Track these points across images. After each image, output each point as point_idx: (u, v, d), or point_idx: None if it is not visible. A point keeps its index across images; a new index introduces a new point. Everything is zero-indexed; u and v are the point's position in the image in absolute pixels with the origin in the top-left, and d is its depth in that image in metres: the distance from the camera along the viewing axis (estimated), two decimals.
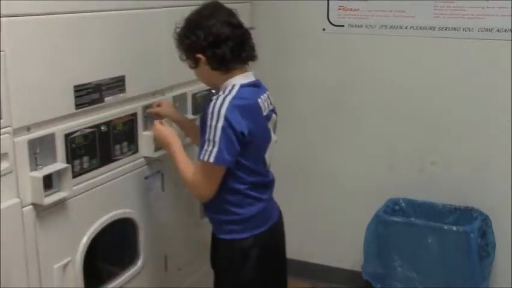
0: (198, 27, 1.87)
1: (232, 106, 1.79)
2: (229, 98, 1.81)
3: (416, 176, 2.93)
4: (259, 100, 1.91)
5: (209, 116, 1.79)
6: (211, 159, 1.79)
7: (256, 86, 1.94)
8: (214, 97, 1.84)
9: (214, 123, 1.78)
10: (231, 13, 1.92)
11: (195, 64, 1.91)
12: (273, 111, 2.01)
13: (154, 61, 2.19)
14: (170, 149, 1.98)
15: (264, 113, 1.93)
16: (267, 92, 1.99)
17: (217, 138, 1.78)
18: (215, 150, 1.79)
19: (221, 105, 1.79)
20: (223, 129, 1.77)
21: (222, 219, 1.97)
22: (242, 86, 1.87)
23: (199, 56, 1.88)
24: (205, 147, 1.80)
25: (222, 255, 2.02)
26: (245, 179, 1.90)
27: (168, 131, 2.02)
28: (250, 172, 1.90)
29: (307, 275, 3.14)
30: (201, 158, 1.81)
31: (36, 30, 1.69)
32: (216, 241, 2.05)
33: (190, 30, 1.89)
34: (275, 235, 2.04)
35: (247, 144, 1.83)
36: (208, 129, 1.79)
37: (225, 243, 1.97)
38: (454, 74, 2.78)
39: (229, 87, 1.87)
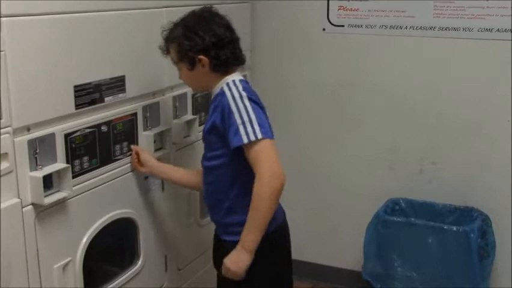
0: (201, 29, 1.88)
1: (246, 87, 1.86)
2: (238, 86, 1.85)
3: (416, 176, 2.93)
4: None
5: (232, 103, 1.80)
6: (260, 135, 1.76)
7: (247, 83, 1.97)
8: (223, 94, 1.85)
9: (241, 105, 1.80)
10: (226, 18, 1.97)
11: (191, 66, 1.91)
12: None
13: (154, 61, 2.19)
14: (247, 248, 1.82)
15: None
16: None
17: (252, 116, 1.78)
18: (256, 127, 1.76)
19: (236, 89, 1.83)
20: (251, 106, 1.80)
21: (231, 222, 1.94)
22: (240, 80, 1.91)
23: (201, 57, 1.88)
24: (244, 129, 1.76)
25: None
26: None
27: (229, 262, 1.85)
28: None
29: (307, 275, 3.14)
30: (248, 140, 1.75)
31: (36, 30, 1.69)
32: (221, 242, 2.02)
33: (192, 32, 1.88)
34: (283, 235, 2.03)
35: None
36: (237, 114, 1.78)
37: (234, 245, 1.89)
38: (454, 74, 2.78)
39: (230, 83, 1.88)
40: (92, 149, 1.94)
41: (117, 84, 2.02)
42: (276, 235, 1.95)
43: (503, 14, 2.63)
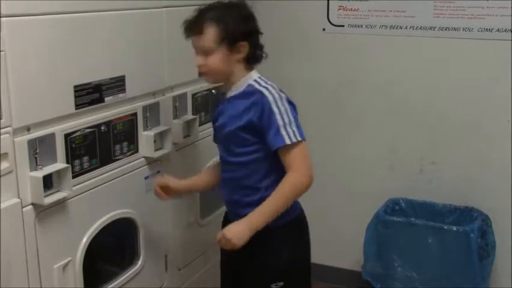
0: (251, 17, 1.91)
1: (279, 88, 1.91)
2: (274, 86, 1.90)
3: (416, 176, 2.93)
4: None
5: (273, 104, 1.83)
6: (299, 137, 1.83)
7: None
8: (260, 92, 1.86)
9: (282, 107, 1.84)
10: None
11: (230, 51, 1.86)
12: None
13: (154, 61, 2.20)
14: (252, 227, 1.82)
15: None
16: None
17: (291, 118, 1.84)
18: (295, 129, 1.83)
19: (274, 90, 1.87)
20: (290, 109, 1.85)
21: None
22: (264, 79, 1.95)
23: (244, 43, 1.87)
24: (285, 130, 1.82)
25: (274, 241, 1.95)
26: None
27: (229, 233, 1.82)
28: None
29: None
30: (290, 140, 1.82)
31: (36, 30, 1.69)
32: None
33: (241, 15, 1.89)
34: (305, 218, 2.08)
35: None
36: (278, 116, 1.82)
37: (276, 229, 1.90)
38: (454, 74, 2.78)
39: (260, 81, 1.91)
40: (92, 149, 1.94)
41: (117, 84, 2.02)
42: (302, 217, 2.05)
43: (503, 14, 2.63)
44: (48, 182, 1.76)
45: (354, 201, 3.07)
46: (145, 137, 2.18)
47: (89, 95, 1.90)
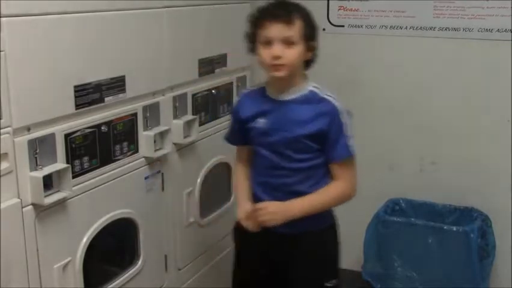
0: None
1: None
2: (334, 98, 1.94)
3: (416, 176, 2.93)
4: None
5: (342, 115, 1.90)
6: (354, 152, 1.91)
7: None
8: (329, 102, 1.91)
9: (348, 120, 1.91)
10: None
11: (306, 48, 1.88)
12: None
13: (154, 61, 2.19)
14: (293, 213, 1.89)
15: None
16: None
17: (350, 133, 1.91)
18: (353, 142, 1.91)
19: (339, 103, 1.92)
20: (350, 123, 1.92)
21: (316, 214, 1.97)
22: None
23: (315, 44, 1.91)
24: (351, 143, 1.91)
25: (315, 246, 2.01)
26: None
27: (275, 207, 1.90)
28: None
29: None
30: (351, 153, 1.91)
31: (36, 30, 1.69)
32: (298, 237, 1.97)
33: (312, 19, 1.91)
34: None
35: None
36: (347, 127, 1.90)
37: (326, 232, 2.02)
38: (454, 74, 2.78)
39: (319, 87, 1.96)
40: (92, 149, 1.94)
41: (117, 84, 2.02)
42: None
43: (503, 14, 2.63)
44: (48, 182, 1.76)
45: (354, 201, 3.04)
46: (145, 137, 2.18)
47: (89, 95, 1.90)
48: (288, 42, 1.82)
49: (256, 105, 1.97)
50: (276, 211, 1.88)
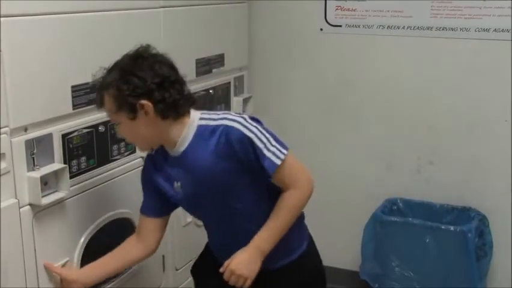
0: (140, 69, 1.62)
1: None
2: (224, 114, 1.71)
3: (413, 175, 2.93)
4: None
5: (244, 130, 1.64)
6: (285, 150, 1.69)
7: None
8: (218, 125, 1.66)
9: (255, 130, 1.65)
10: (168, 57, 1.73)
11: (132, 114, 1.62)
12: None
13: None
14: (262, 250, 1.70)
15: None
16: None
17: (267, 135, 1.67)
18: (277, 143, 1.68)
19: (231, 115, 1.69)
20: (262, 127, 1.69)
21: (284, 243, 1.76)
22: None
23: (144, 102, 1.60)
24: (270, 151, 1.66)
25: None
26: None
27: (240, 261, 1.68)
28: None
29: None
30: (281, 158, 1.67)
31: (35, 30, 1.69)
32: (274, 274, 1.81)
33: (130, 74, 1.62)
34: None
35: None
36: (255, 139, 1.64)
37: (293, 266, 1.83)
38: (452, 74, 2.79)
39: (206, 116, 1.72)
40: (89, 149, 1.94)
41: None
42: (312, 244, 1.99)
43: (500, 14, 2.64)
44: (45, 182, 1.76)
45: (351, 201, 3.07)
46: None
47: (86, 95, 1.89)
48: (117, 123, 1.71)
49: (156, 171, 1.80)
50: (244, 266, 1.67)
